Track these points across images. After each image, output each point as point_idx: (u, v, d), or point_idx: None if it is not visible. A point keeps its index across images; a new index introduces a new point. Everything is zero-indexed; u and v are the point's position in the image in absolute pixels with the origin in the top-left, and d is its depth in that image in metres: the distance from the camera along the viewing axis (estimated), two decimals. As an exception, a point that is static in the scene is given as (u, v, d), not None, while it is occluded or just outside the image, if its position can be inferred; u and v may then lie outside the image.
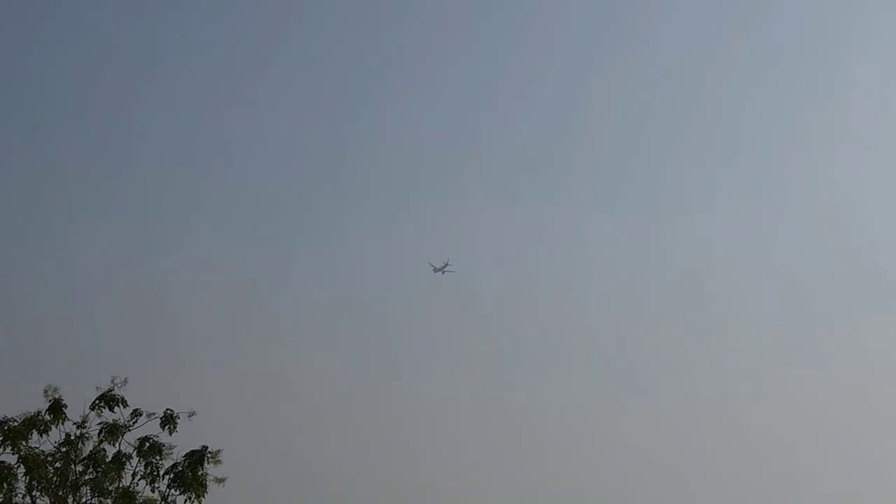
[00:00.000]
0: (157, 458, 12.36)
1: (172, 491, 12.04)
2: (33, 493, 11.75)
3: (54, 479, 11.74)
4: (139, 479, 12.28)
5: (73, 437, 12.24)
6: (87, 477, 12.05)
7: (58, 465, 11.99)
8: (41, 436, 12.17)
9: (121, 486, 11.91)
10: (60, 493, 11.57)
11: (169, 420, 12.43)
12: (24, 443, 11.81)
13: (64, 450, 12.14)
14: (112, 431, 12.44)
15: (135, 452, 12.31)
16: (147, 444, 12.35)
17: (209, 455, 12.22)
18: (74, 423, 12.40)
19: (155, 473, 12.28)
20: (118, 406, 12.52)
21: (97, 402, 12.45)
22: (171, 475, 12.16)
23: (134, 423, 12.50)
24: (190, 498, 11.86)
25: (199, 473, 12.08)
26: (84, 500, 11.93)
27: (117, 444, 12.47)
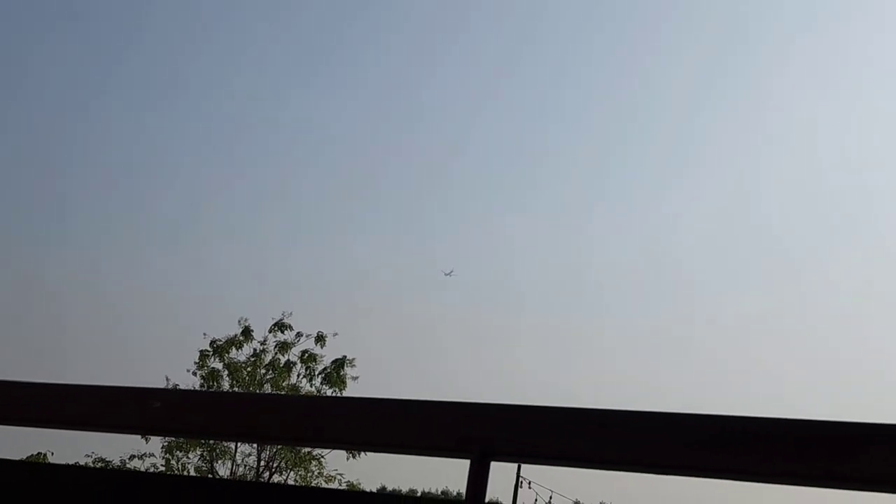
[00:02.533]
0: (313, 363, 17.32)
1: (324, 386, 17.11)
2: (233, 389, 17.12)
3: (246, 378, 17.19)
4: (301, 378, 17.37)
5: (258, 351, 17.58)
6: (267, 377, 17.40)
7: (249, 369, 17.39)
8: (237, 350, 17.46)
9: (289, 383, 17.22)
10: (251, 388, 16.94)
11: (320, 339, 17.44)
12: (226, 355, 17.29)
13: (252, 359, 17.52)
14: (283, 347, 17.54)
15: (298, 360, 17.32)
16: (306, 355, 17.31)
17: (347, 361, 17.13)
18: (258, 342, 17.57)
19: (312, 374, 17.35)
20: (287, 330, 17.53)
21: (273, 327, 17.58)
22: (323, 375, 17.12)
23: (298, 341, 17.44)
24: (335, 391, 16.81)
25: (341, 374, 17.00)
26: (266, 392, 17.20)
27: (287, 355, 17.55)
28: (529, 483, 26.15)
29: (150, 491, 1.50)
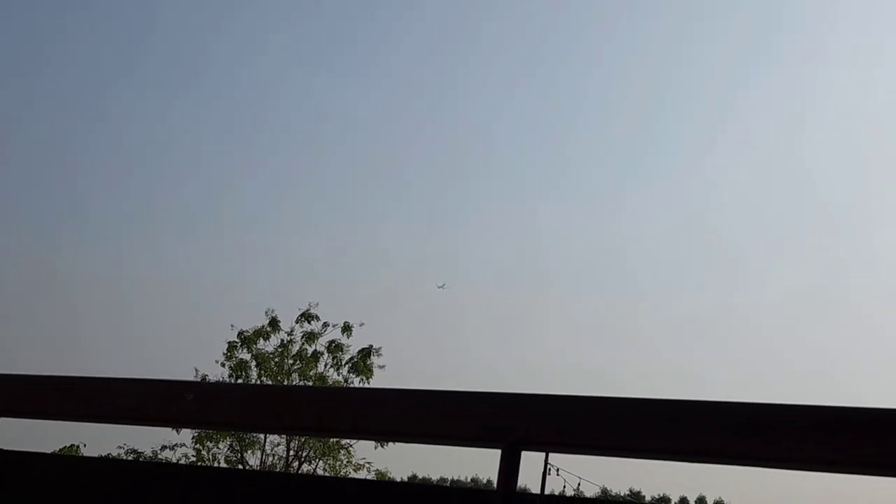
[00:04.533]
0: (340, 353, 17.45)
1: (351, 375, 17.25)
2: (261, 379, 17.29)
3: (274, 369, 17.35)
4: (329, 368, 17.51)
5: (285, 342, 17.73)
6: (295, 367, 17.56)
7: (276, 360, 17.55)
8: (265, 341, 17.62)
9: (317, 372, 17.36)
10: (279, 378, 17.09)
11: (347, 328, 17.58)
12: (254, 346, 17.46)
13: (280, 350, 17.69)
14: (310, 337, 17.70)
15: (325, 350, 17.44)
16: (333, 345, 17.44)
17: (374, 350, 17.23)
18: (286, 332, 17.71)
19: (339, 364, 17.49)
20: (314, 320, 17.67)
21: (300, 318, 17.73)
22: (350, 364, 17.24)
23: (324, 331, 17.56)
24: (362, 380, 16.94)
25: (368, 363, 17.12)
26: (294, 382, 17.32)
27: (314, 345, 17.69)
28: (558, 470, 26.17)
29: (180, 482, 1.52)
